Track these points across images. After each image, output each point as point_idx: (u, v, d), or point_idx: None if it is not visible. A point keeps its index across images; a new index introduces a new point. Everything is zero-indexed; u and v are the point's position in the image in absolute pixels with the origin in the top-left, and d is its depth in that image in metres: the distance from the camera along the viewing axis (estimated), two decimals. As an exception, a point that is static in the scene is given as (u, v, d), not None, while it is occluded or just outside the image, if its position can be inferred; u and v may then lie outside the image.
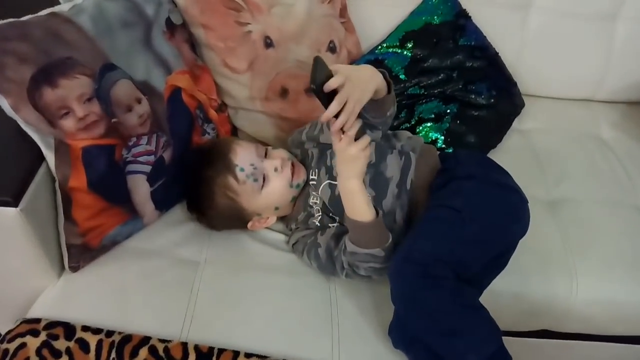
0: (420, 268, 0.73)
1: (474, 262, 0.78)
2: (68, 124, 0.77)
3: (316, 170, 0.94)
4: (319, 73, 0.69)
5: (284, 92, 1.07)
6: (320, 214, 0.93)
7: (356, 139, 0.75)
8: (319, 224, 0.93)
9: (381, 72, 0.80)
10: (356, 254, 0.81)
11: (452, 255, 0.75)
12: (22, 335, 0.74)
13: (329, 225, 0.92)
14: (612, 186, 1.12)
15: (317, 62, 0.69)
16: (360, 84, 0.72)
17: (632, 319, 0.98)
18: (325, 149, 0.95)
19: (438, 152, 0.98)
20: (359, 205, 0.80)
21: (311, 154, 0.97)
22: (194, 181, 0.93)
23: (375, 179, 0.90)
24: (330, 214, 0.92)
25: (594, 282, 0.95)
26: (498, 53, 1.21)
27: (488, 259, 0.80)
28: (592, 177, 1.13)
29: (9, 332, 0.76)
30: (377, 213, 0.81)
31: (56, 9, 0.81)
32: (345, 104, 0.70)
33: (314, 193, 0.94)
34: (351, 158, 0.76)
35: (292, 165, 0.94)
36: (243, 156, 0.90)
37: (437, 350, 0.74)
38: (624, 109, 1.33)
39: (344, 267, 0.84)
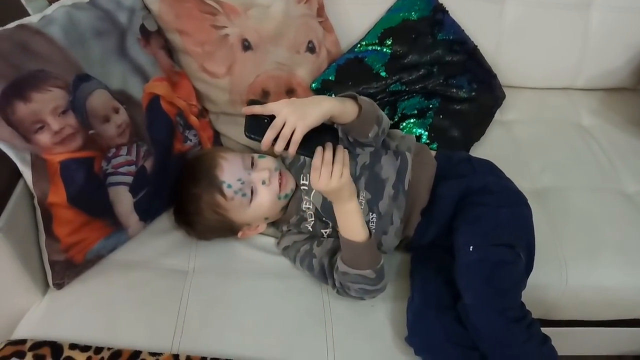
0: (522, 325, 0.78)
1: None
2: (44, 138, 0.75)
3: (307, 175, 0.92)
4: (252, 124, 0.74)
5: (265, 95, 1.06)
6: (313, 218, 0.92)
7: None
8: (311, 229, 0.93)
9: (351, 95, 0.81)
10: (348, 274, 0.81)
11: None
12: (8, 357, 0.72)
13: (322, 230, 0.92)
14: (595, 173, 1.13)
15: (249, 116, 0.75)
16: (298, 110, 0.73)
17: (622, 302, 0.99)
18: None
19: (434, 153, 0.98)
20: (353, 225, 0.82)
21: (302, 159, 0.96)
22: (180, 197, 0.91)
23: (370, 181, 0.90)
24: (324, 219, 0.91)
25: (583, 269, 0.96)
26: (477, 46, 1.21)
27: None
28: (575, 165, 1.14)
29: (-7, 355, 0.74)
30: (370, 235, 0.82)
31: (25, 20, 0.78)
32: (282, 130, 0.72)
33: (306, 197, 0.92)
34: (336, 189, 0.77)
35: (280, 175, 0.92)
36: (229, 171, 0.88)
37: None
38: (602, 95, 1.34)
39: (336, 285, 0.84)
